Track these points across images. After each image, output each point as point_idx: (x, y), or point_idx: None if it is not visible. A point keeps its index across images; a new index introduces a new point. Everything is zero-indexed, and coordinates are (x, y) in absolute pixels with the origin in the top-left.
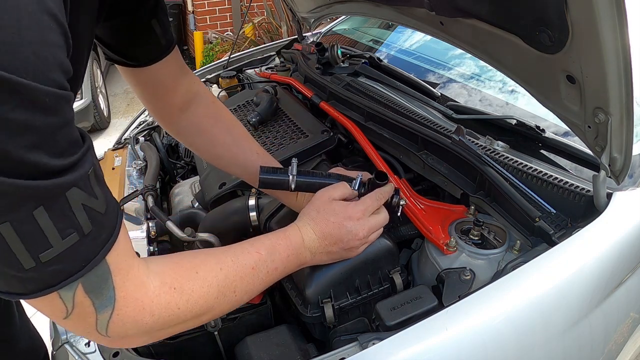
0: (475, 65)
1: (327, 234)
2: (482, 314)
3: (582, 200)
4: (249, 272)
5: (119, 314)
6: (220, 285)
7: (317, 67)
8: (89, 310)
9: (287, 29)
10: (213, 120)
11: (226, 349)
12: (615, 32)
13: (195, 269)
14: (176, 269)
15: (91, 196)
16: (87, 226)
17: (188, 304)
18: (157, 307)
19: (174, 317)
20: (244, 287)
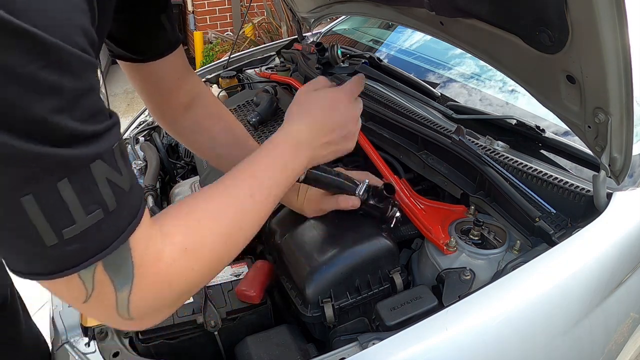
0: (476, 65)
1: (322, 122)
2: (482, 314)
3: (582, 200)
4: (248, 202)
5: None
6: (224, 227)
7: (317, 67)
8: (109, 290)
9: (287, 29)
10: (214, 120)
11: (226, 349)
12: (615, 32)
13: (197, 219)
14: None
15: (116, 171)
16: (112, 203)
17: (201, 261)
18: (174, 275)
19: (191, 280)
20: (249, 220)
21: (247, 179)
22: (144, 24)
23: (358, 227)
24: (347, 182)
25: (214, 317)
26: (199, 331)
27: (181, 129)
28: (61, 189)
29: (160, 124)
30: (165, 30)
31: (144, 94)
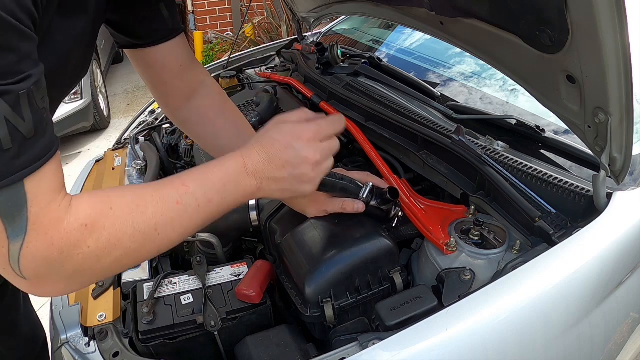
0: (476, 64)
1: (272, 156)
2: (482, 314)
3: (582, 200)
4: (172, 207)
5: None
6: (137, 223)
7: (317, 67)
8: (2, 237)
9: (287, 29)
10: (218, 111)
11: (226, 349)
12: (615, 32)
13: (110, 204)
14: (92, 204)
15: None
16: (6, 141)
17: (98, 242)
18: (66, 245)
19: (84, 257)
20: (169, 225)
21: (181, 186)
22: (143, 11)
23: (358, 227)
24: (351, 185)
25: (214, 317)
26: (199, 331)
27: (184, 119)
28: None
29: (165, 112)
30: (164, 17)
31: (148, 82)
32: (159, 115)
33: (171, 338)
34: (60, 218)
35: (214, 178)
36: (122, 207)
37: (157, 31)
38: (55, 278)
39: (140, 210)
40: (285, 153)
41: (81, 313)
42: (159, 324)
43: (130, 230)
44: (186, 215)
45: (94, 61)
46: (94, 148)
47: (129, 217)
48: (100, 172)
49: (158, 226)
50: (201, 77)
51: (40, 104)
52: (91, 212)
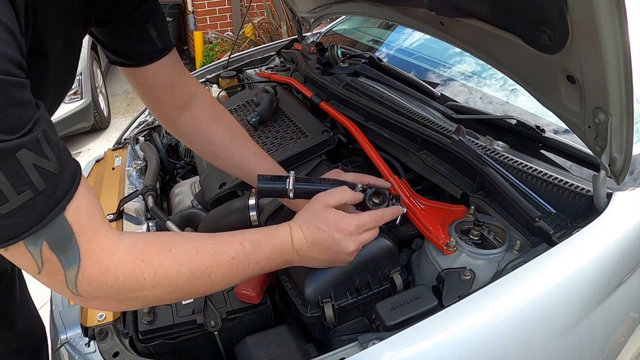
0: (476, 64)
1: (316, 241)
2: (482, 314)
3: (582, 200)
4: (227, 261)
5: (85, 273)
6: (193, 267)
7: (317, 67)
8: (57, 267)
9: (287, 29)
10: (211, 120)
11: (226, 349)
12: (615, 32)
13: (169, 247)
14: (148, 244)
15: (42, 157)
16: (40, 184)
17: (155, 276)
18: (121, 273)
19: (139, 285)
20: (220, 274)
21: (239, 244)
22: (131, 34)
23: None
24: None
25: (214, 317)
26: (199, 331)
27: (179, 129)
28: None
29: (161, 123)
30: (152, 38)
31: (141, 97)
32: None
33: (171, 338)
34: (111, 248)
35: (266, 246)
36: (181, 251)
37: (145, 53)
38: (110, 299)
39: (199, 257)
40: (328, 242)
41: (81, 313)
42: (159, 324)
43: (187, 273)
44: (236, 271)
45: (94, 61)
46: (94, 148)
47: (187, 261)
48: (100, 172)
49: (212, 274)
50: (192, 90)
51: (55, 139)
52: (147, 250)
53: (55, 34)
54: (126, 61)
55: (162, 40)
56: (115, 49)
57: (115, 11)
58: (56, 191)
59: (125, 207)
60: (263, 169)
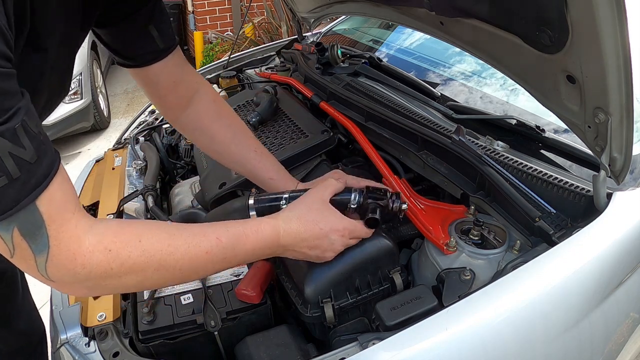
0: (476, 64)
1: (310, 237)
2: (482, 314)
3: (582, 200)
4: (200, 255)
5: (53, 260)
6: (163, 260)
7: (317, 67)
8: (28, 253)
9: (287, 29)
10: (213, 117)
11: (226, 349)
12: (615, 32)
13: (140, 237)
14: (119, 233)
15: (18, 146)
16: (14, 172)
17: (123, 266)
18: (88, 262)
19: (107, 274)
20: (192, 267)
21: (214, 238)
22: (130, 34)
23: None
24: None
25: (214, 317)
26: (199, 331)
27: (182, 126)
28: None
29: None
30: (153, 38)
31: (146, 94)
32: (159, 115)
33: (171, 338)
34: (80, 237)
35: (248, 241)
36: (152, 242)
37: (146, 54)
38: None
39: (170, 250)
40: (320, 240)
41: (81, 313)
42: (159, 324)
43: (156, 264)
44: (210, 264)
45: (94, 61)
46: (94, 148)
47: (157, 253)
48: (100, 172)
49: (183, 268)
50: (195, 87)
51: (35, 129)
52: (116, 239)
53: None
54: (129, 62)
55: (164, 40)
56: (118, 50)
57: (116, 12)
58: (30, 179)
59: (125, 207)
60: (264, 167)
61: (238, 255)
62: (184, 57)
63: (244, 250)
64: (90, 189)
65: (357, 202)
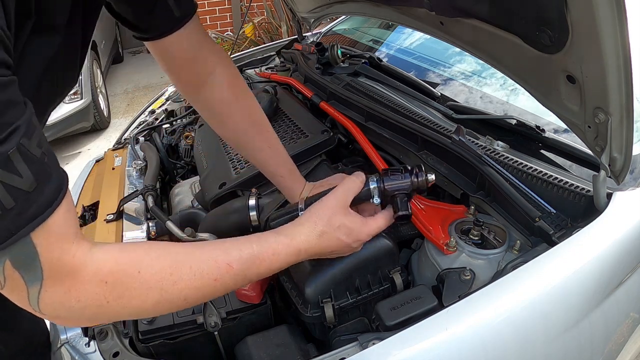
0: (476, 64)
1: (330, 247)
2: (482, 314)
3: (582, 200)
4: (208, 283)
5: (47, 291)
6: (165, 291)
7: (317, 67)
8: (20, 284)
9: (287, 29)
10: (228, 103)
11: (226, 349)
12: (615, 32)
13: (139, 267)
14: (117, 264)
15: (12, 174)
16: (8, 202)
17: (119, 300)
18: (83, 295)
19: (102, 308)
20: (199, 296)
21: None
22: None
23: None
24: None
25: (214, 317)
26: (199, 331)
27: (198, 106)
28: None
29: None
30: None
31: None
32: (159, 115)
33: (171, 338)
34: (76, 268)
35: (262, 265)
36: (152, 273)
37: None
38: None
39: (173, 279)
40: (342, 249)
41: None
42: (159, 324)
43: (157, 297)
44: (220, 291)
45: (94, 61)
46: (94, 148)
47: (158, 284)
48: (100, 172)
49: (188, 298)
50: (210, 68)
51: (37, 151)
52: (115, 270)
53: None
54: (143, 34)
55: (180, 6)
56: (131, 21)
57: None
58: (27, 210)
59: (125, 207)
60: (275, 163)
61: (250, 278)
62: (202, 29)
63: (256, 274)
64: (90, 189)
65: (378, 195)
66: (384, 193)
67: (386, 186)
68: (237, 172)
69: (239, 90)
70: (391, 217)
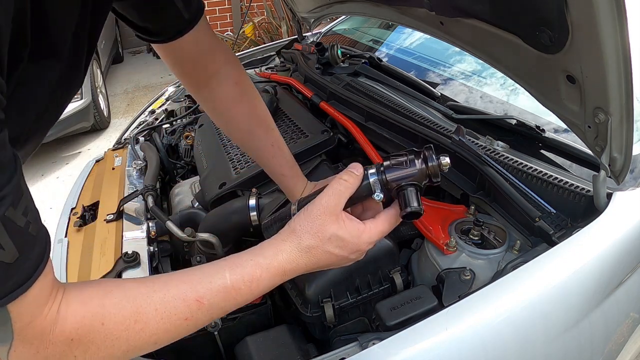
0: (476, 63)
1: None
2: (482, 314)
3: (582, 200)
4: (179, 324)
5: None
6: (132, 340)
7: (317, 67)
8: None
9: (287, 29)
10: (232, 103)
11: (226, 349)
12: (615, 32)
13: (103, 319)
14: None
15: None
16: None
17: (87, 354)
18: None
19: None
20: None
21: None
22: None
23: None
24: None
25: None
26: (199, 331)
27: (204, 103)
28: None
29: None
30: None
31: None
32: (159, 115)
33: None
34: (46, 330)
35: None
36: (116, 322)
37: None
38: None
39: (139, 327)
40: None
41: None
42: None
43: (124, 347)
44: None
45: (94, 61)
46: (94, 148)
47: (124, 334)
48: (100, 172)
49: (159, 341)
50: (218, 67)
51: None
52: (79, 326)
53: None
54: (153, 37)
55: (189, 9)
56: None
57: None
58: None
59: (125, 207)
60: (278, 162)
61: (228, 309)
62: (211, 29)
63: (234, 304)
64: (90, 189)
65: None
66: (387, 186)
67: (389, 177)
68: (237, 172)
69: (246, 88)
70: (397, 217)
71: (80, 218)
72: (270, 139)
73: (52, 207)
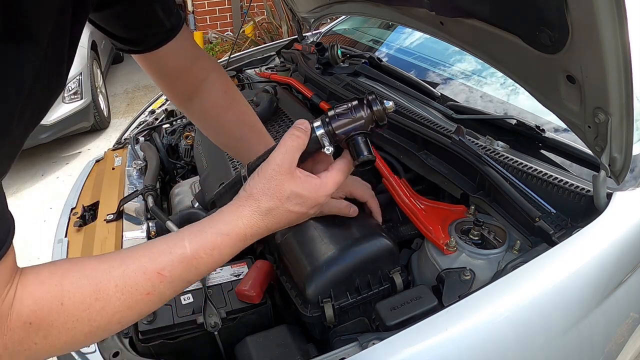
0: (476, 63)
1: (282, 222)
2: (482, 314)
3: (582, 200)
4: (141, 299)
5: None
6: (94, 320)
7: (317, 67)
8: None
9: (287, 29)
10: (221, 110)
11: (226, 349)
12: (615, 32)
13: (61, 298)
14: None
15: None
16: None
17: (47, 339)
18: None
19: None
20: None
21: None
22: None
23: (358, 227)
24: None
25: (214, 317)
26: (199, 331)
27: (191, 115)
28: None
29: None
30: (160, 19)
31: (153, 80)
32: (159, 115)
33: (171, 338)
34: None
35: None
36: (75, 302)
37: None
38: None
39: (100, 305)
40: (298, 218)
41: None
42: (158, 324)
43: (86, 328)
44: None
45: (94, 61)
46: (94, 148)
47: (84, 314)
48: (100, 172)
49: (122, 320)
50: (204, 74)
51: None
52: (36, 308)
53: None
54: (134, 47)
55: (170, 18)
56: (120, 35)
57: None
58: None
59: (125, 207)
60: None
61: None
62: (192, 38)
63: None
64: (90, 189)
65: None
66: (336, 137)
67: (335, 128)
68: (237, 172)
69: (234, 95)
70: (350, 165)
71: (80, 218)
72: (262, 142)
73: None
